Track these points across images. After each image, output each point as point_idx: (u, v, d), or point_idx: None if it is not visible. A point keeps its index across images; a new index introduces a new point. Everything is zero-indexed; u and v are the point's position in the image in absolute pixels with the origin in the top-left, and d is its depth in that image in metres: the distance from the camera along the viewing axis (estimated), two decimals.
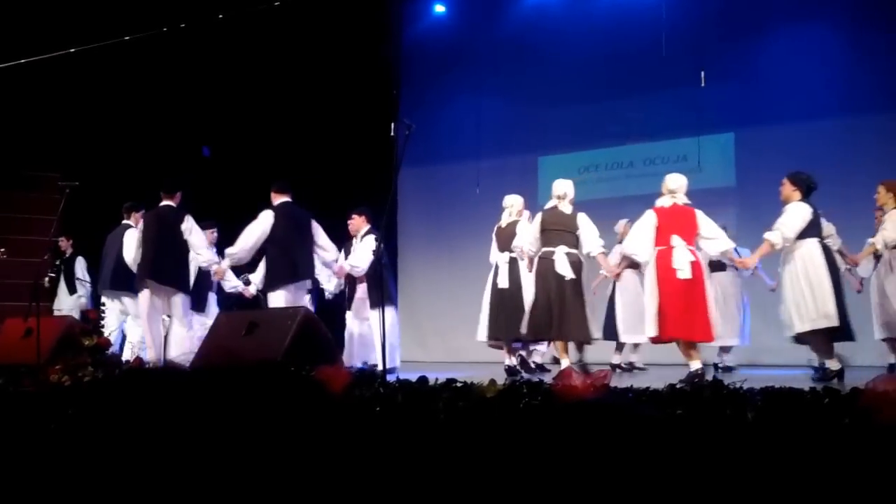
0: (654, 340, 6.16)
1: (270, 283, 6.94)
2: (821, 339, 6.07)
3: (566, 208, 6.73)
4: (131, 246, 7.40)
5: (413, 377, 3.60)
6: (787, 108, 9.29)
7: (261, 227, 6.88)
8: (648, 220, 6.19)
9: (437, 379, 3.50)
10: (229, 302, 8.32)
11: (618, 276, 6.94)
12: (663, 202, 6.27)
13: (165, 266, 7.11)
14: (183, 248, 7.09)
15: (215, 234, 8.18)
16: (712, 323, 5.94)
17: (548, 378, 3.45)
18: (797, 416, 2.61)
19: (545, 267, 6.59)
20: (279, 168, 10.30)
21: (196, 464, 3.52)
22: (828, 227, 6.45)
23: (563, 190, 6.78)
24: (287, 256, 6.91)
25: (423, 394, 3.45)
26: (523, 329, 6.73)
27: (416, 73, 11.64)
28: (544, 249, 6.66)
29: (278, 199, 7.04)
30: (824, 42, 9.26)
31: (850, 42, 9.13)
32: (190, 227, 7.11)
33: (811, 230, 6.12)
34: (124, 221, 8.19)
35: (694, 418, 2.74)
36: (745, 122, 9.62)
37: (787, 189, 6.30)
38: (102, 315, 7.63)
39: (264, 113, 10.75)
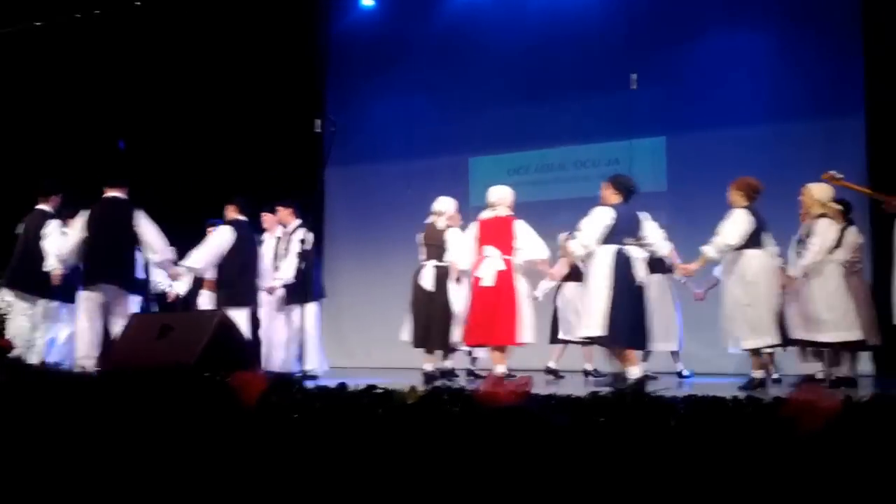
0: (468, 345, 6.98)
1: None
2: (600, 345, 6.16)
3: (441, 224, 7.19)
4: None
5: (333, 383, 3.51)
6: (718, 113, 9.34)
7: (75, 229, 6.67)
8: (470, 231, 6.76)
9: (356, 385, 3.41)
10: None
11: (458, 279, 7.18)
12: (486, 214, 6.76)
13: (21, 273, 7.10)
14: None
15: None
16: (517, 327, 6.39)
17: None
18: (720, 425, 2.59)
19: (417, 279, 7.16)
20: (200, 163, 10.07)
21: (103, 471, 3.38)
22: (652, 233, 6.32)
23: (438, 207, 7.29)
24: (88, 259, 6.57)
25: (343, 400, 3.36)
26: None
27: (344, 69, 11.39)
28: (421, 261, 7.23)
29: (106, 194, 6.71)
30: (754, 48, 9.36)
31: (779, 49, 9.24)
32: (46, 232, 6.96)
33: (614, 236, 6.02)
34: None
35: (616, 426, 2.70)
36: (676, 126, 9.64)
37: (607, 192, 6.21)
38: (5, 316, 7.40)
39: (185, 106, 10.48)
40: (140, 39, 9.98)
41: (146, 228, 6.60)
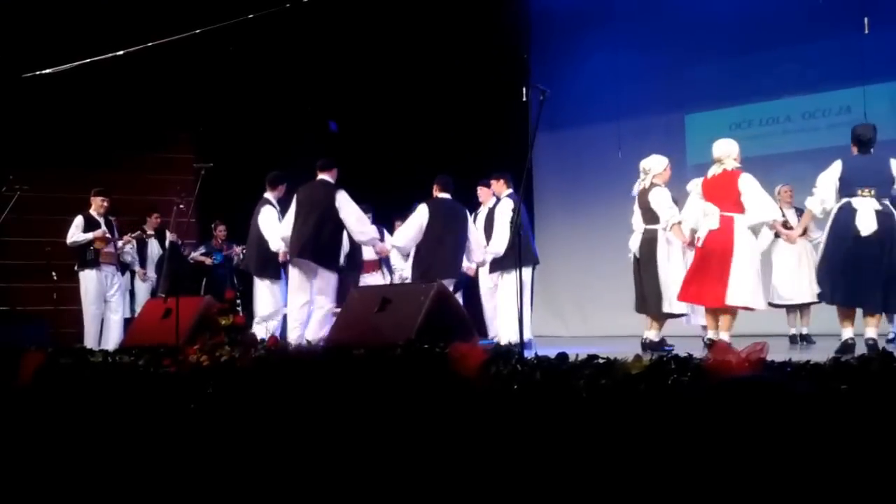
0: None
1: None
2: None
3: (647, 184, 6.87)
4: None
5: (551, 353, 3.43)
6: None
7: (290, 211, 7.13)
8: (693, 189, 6.45)
9: (577, 355, 3.31)
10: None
11: (690, 244, 6.67)
12: (712, 170, 6.31)
13: (253, 257, 7.70)
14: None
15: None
16: (729, 289, 6.03)
17: None
18: None
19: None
20: (411, 140, 10.25)
21: (332, 444, 3.48)
22: None
23: (644, 165, 6.95)
24: (294, 236, 7.03)
25: (563, 371, 3.27)
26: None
27: (547, 34, 11.25)
28: None
29: (318, 177, 7.11)
30: None
31: None
32: (262, 218, 7.49)
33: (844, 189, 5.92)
34: None
35: (860, 395, 2.46)
36: None
37: None
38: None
39: (393, 84, 10.70)
40: (347, 22, 10.27)
41: (346, 209, 6.86)
